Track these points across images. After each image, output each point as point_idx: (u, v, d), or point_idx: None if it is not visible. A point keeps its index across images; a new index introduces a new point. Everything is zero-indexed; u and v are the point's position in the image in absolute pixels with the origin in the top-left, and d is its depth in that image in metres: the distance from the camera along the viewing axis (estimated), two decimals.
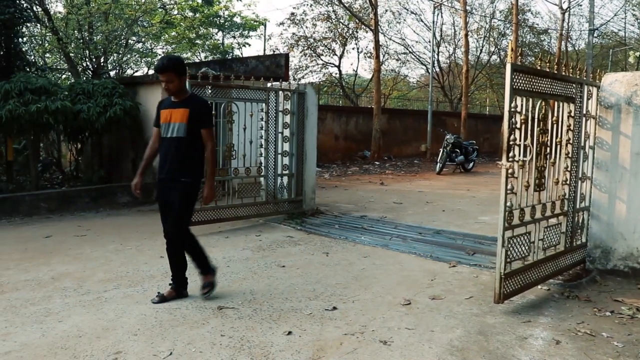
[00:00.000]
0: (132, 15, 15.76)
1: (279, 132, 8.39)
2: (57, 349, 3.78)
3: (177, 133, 4.62)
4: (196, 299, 4.79)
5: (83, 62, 15.31)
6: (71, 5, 14.81)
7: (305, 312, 4.50)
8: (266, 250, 6.61)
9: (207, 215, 7.68)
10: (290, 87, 8.58)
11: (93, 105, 9.46)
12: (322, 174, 15.09)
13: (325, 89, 27.37)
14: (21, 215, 8.64)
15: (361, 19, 23.37)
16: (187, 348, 3.79)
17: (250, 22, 27.46)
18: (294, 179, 8.62)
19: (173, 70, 4.54)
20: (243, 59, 14.59)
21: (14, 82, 8.86)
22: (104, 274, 5.57)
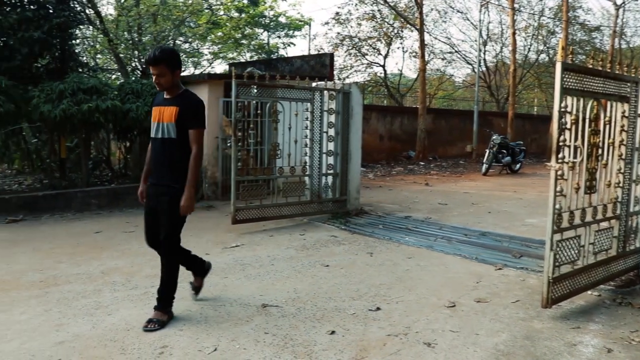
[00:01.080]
0: (179, 16, 16.04)
1: (323, 131, 8.40)
2: (106, 341, 3.89)
3: (166, 134, 4.20)
4: (241, 297, 4.84)
5: (132, 63, 15.67)
6: (122, 7, 15.19)
7: (348, 312, 4.49)
8: (310, 249, 6.63)
9: (252, 214, 7.76)
10: (335, 86, 8.58)
11: (141, 104, 9.66)
12: (367, 174, 15.05)
13: (369, 88, 27.28)
14: (73, 210, 8.90)
15: (406, 18, 23.19)
16: (231, 344, 3.83)
17: (295, 22, 27.58)
18: (338, 179, 8.61)
19: (166, 62, 4.09)
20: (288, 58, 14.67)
21: (67, 83, 9.14)
22: (150, 270, 5.68)
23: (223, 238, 7.17)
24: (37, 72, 10.12)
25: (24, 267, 5.79)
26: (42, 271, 5.62)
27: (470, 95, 32.00)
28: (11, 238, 7.20)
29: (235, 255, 6.28)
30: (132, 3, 15.12)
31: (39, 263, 5.93)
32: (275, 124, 7.94)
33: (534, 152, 24.22)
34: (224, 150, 10.08)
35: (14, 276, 5.46)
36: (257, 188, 7.80)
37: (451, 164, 19.33)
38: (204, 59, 22.52)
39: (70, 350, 3.75)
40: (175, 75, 4.19)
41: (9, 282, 5.29)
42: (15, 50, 9.44)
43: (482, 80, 27.16)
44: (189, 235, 7.25)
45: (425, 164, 18.59)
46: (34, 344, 3.83)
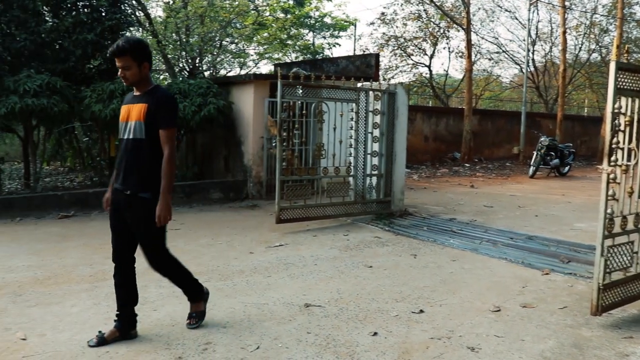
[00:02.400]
0: (226, 17, 16.22)
1: (368, 132, 8.37)
2: (151, 336, 3.98)
3: (133, 134, 3.76)
4: (284, 296, 4.86)
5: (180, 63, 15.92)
6: (170, 9, 15.45)
7: (391, 314, 4.46)
8: (353, 250, 6.62)
9: (296, 214, 7.79)
10: (381, 87, 8.54)
11: (188, 104, 9.83)
12: (411, 175, 14.93)
13: (415, 89, 27.07)
14: None
15: (453, 17, 22.89)
16: (274, 343, 3.86)
17: (340, 23, 27.58)
18: (382, 180, 8.57)
19: (131, 53, 3.67)
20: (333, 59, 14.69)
21: (117, 83, 9.37)
22: (195, 267, 5.74)
23: (267, 237, 7.23)
24: (89, 73, 10.40)
25: (75, 261, 5.96)
26: (91, 266, 5.78)
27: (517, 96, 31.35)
28: (63, 233, 7.43)
29: (279, 255, 6.32)
30: (180, 5, 15.35)
31: (89, 258, 6.10)
32: (320, 124, 7.95)
33: (583, 154, 23.59)
34: (269, 150, 10.17)
35: (65, 270, 5.64)
36: (301, 188, 7.83)
37: (497, 166, 19.00)
38: (249, 60, 22.74)
39: (118, 343, 3.84)
40: (143, 69, 3.75)
41: (61, 275, 5.46)
42: (69, 52, 9.73)
43: (530, 81, 26.59)
44: (233, 234, 7.37)
45: (470, 166, 18.32)
46: (84, 336, 3.94)
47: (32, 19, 9.53)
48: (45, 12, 10.08)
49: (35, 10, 9.61)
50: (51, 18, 10.10)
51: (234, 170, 10.76)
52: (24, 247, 6.59)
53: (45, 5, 9.85)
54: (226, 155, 10.96)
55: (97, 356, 3.64)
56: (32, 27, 9.46)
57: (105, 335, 3.85)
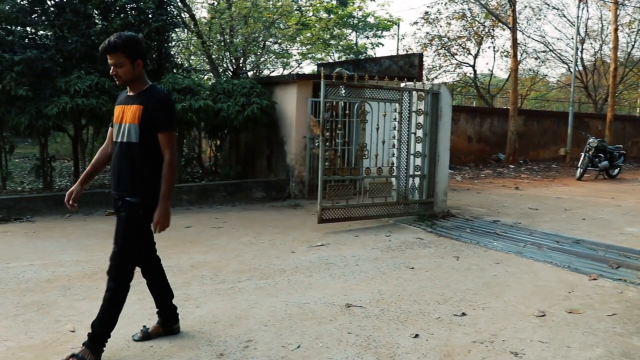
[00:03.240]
0: (269, 18, 16.33)
1: (411, 132, 8.30)
2: (195, 332, 4.04)
3: (127, 137, 3.53)
4: (325, 295, 4.86)
5: (224, 63, 16.12)
6: (215, 10, 15.65)
7: (433, 316, 4.42)
8: (395, 250, 6.58)
9: (338, 214, 7.79)
10: (424, 87, 8.46)
11: (232, 104, 9.94)
12: (454, 176, 14.76)
13: (458, 89, 26.75)
14: None
15: (498, 16, 22.53)
16: (315, 342, 3.86)
17: (383, 22, 27.45)
18: (425, 181, 8.49)
19: (124, 50, 3.45)
20: (376, 58, 14.61)
21: (163, 83, 9.55)
22: (238, 265, 5.82)
23: (309, 237, 7.25)
24: None
25: None
26: None
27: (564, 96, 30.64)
28: (109, 229, 7.52)
29: (321, 254, 6.33)
30: (224, 6, 15.54)
31: None
32: (363, 125, 7.93)
33: (634, 156, 22.87)
34: (312, 150, 10.19)
35: None
36: (343, 188, 7.82)
37: (543, 167, 18.59)
38: (292, 60, 22.84)
39: (162, 338, 3.92)
40: (136, 67, 3.52)
41: None
42: None
43: (578, 80, 25.91)
44: (275, 233, 7.42)
45: (515, 167, 17.98)
46: (129, 330, 4.03)
47: (83, 22, 9.81)
48: (95, 15, 10.35)
49: (86, 13, 9.88)
50: (100, 21, 10.36)
51: (276, 170, 10.83)
52: (73, 243, 6.78)
53: (95, 9, 10.11)
54: (269, 155, 11.04)
55: (141, 350, 3.71)
56: (83, 29, 9.73)
57: (150, 331, 3.90)
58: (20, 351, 3.53)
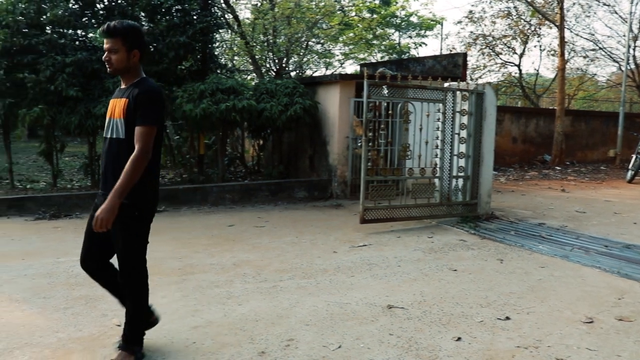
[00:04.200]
0: (312, 18, 16.39)
1: (455, 133, 8.19)
2: (237, 330, 4.05)
3: (115, 133, 3.32)
4: (366, 296, 4.83)
5: (267, 64, 16.25)
6: (258, 11, 15.79)
7: (476, 319, 4.34)
8: (438, 252, 6.50)
9: (380, 214, 7.74)
10: (469, 87, 8.34)
11: (275, 104, 9.99)
12: (498, 178, 14.50)
13: (503, 89, 26.28)
14: (209, 204, 9.40)
15: (545, 14, 22.02)
16: (356, 343, 3.84)
17: (427, 22, 27.25)
18: (469, 182, 8.37)
19: (122, 36, 3.26)
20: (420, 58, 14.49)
21: (207, 83, 9.68)
22: (280, 264, 5.84)
23: (351, 237, 7.23)
24: (180, 74, 10.81)
25: (165, 254, 6.20)
26: (180, 259, 5.98)
27: (615, 96, 29.74)
28: (154, 227, 7.63)
29: (362, 255, 6.30)
30: (268, 7, 15.67)
31: (178, 252, 6.33)
32: (406, 125, 7.86)
33: None
34: (354, 150, 10.16)
35: (156, 262, 5.85)
36: (386, 188, 7.77)
37: (591, 169, 18.10)
38: (335, 60, 22.86)
39: (204, 335, 3.96)
40: (132, 57, 3.32)
41: (152, 267, 5.62)
42: (163, 54, 10.14)
43: (630, 79, 25.09)
44: (317, 232, 7.42)
45: (561, 169, 17.56)
46: (172, 326, 4.09)
47: None
48: (142, 17, 10.56)
49: (134, 15, 10.09)
50: (147, 22, 10.56)
51: (318, 170, 10.84)
52: None
53: (142, 11, 10.32)
54: (311, 155, 11.06)
55: (184, 346, 3.76)
56: None
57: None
58: (70, 342, 3.62)
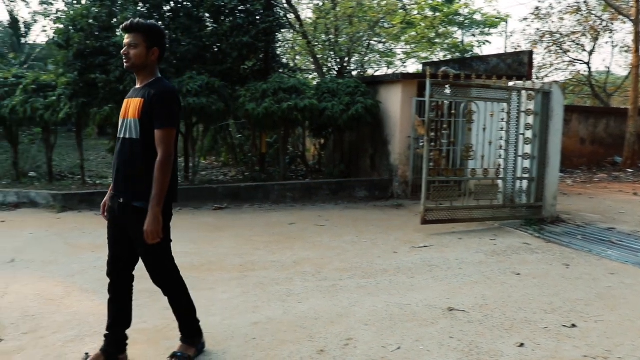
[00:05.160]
0: (374, 17, 16.30)
1: (520, 133, 7.99)
2: (296, 327, 4.09)
3: (128, 133, 3.26)
4: (427, 298, 4.78)
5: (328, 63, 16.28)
6: (320, 10, 15.85)
7: (540, 325, 4.22)
8: (500, 255, 6.35)
9: (442, 215, 7.64)
10: (534, 86, 8.11)
11: (337, 103, 10.01)
12: (565, 180, 14.05)
13: (571, 88, 25.42)
14: (270, 202, 9.51)
15: (618, 8, 21.12)
16: (415, 345, 3.81)
17: (491, 19, 26.64)
18: (534, 184, 8.14)
19: (143, 33, 3.26)
20: (483, 57, 14.19)
21: (270, 83, 9.80)
22: (340, 263, 5.85)
23: (411, 237, 7.16)
24: (244, 74, 10.98)
25: (227, 251, 6.32)
26: (241, 256, 6.09)
27: None
28: (216, 224, 7.91)
29: (423, 256, 6.23)
30: (330, 6, 15.70)
31: (239, 248, 6.44)
32: (469, 125, 7.73)
33: None
34: (416, 150, 10.07)
35: (218, 258, 6.00)
36: (448, 189, 7.66)
37: None
38: (396, 59, 22.68)
39: (264, 331, 4.01)
40: (150, 54, 3.29)
41: (214, 263, 5.81)
42: (227, 54, 10.34)
43: None
44: (377, 232, 7.40)
45: (634, 172, 16.83)
46: (233, 321, 4.18)
47: (195, 25, 10.27)
48: (206, 18, 10.79)
49: (198, 17, 10.34)
50: (211, 23, 10.79)
51: (379, 169, 10.80)
52: (183, 235, 7.09)
53: (207, 12, 10.55)
54: (372, 154, 11.03)
55: (244, 342, 3.82)
56: (195, 32, 10.19)
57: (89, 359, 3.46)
58: (135, 334, 3.74)
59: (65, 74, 9.66)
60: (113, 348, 3.45)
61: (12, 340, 3.85)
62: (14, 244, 6.68)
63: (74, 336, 3.91)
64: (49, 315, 4.32)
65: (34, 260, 5.92)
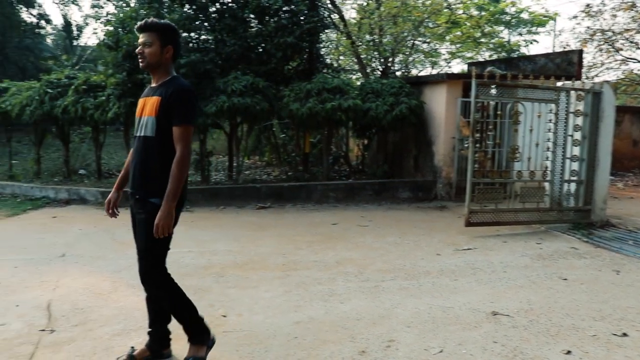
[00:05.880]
0: (419, 16, 16.17)
1: (568, 134, 7.80)
2: (337, 328, 4.09)
3: (144, 131, 3.31)
4: (470, 301, 4.72)
5: (372, 63, 16.23)
6: (364, 10, 15.81)
7: (588, 333, 4.10)
8: (547, 259, 6.21)
9: (486, 217, 7.53)
10: (584, 86, 7.90)
11: (381, 103, 9.97)
12: (615, 183, 13.65)
13: (623, 87, 24.68)
14: (313, 202, 9.55)
15: None
16: (458, 348, 3.76)
17: (538, 18, 26.07)
18: (582, 186, 7.94)
19: (158, 31, 3.30)
20: (531, 56, 13.90)
21: (314, 83, 9.83)
22: (382, 264, 5.83)
23: (455, 240, 7.08)
24: (288, 74, 11.05)
25: (270, 250, 6.38)
26: (284, 255, 6.13)
27: None
28: (260, 223, 7.98)
29: (467, 259, 6.15)
30: (374, 6, 15.65)
31: (282, 247, 6.49)
32: (516, 126, 7.59)
33: None
34: (460, 151, 9.94)
35: (261, 257, 6.05)
36: (493, 191, 7.54)
37: None
38: (441, 59, 22.44)
39: (306, 330, 4.03)
40: (165, 52, 3.33)
41: (257, 262, 5.87)
42: (271, 54, 10.42)
43: None
44: (420, 234, 7.34)
45: None
46: (275, 320, 4.21)
47: (241, 26, 10.39)
48: (251, 19, 10.90)
49: (243, 17, 10.45)
50: (256, 24, 10.89)
51: (423, 170, 10.71)
52: (226, 233, 7.21)
53: (252, 13, 10.65)
54: (416, 155, 10.94)
55: (286, 341, 3.84)
56: (240, 33, 10.31)
57: (135, 353, 3.51)
58: (179, 329, 3.81)
59: (115, 74, 9.93)
60: (156, 344, 3.55)
61: (63, 332, 3.99)
62: (64, 239, 6.92)
63: (121, 330, 4.02)
64: (97, 308, 4.45)
65: (83, 255, 6.11)
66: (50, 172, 11.93)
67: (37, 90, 10.49)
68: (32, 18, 26.89)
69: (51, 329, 4.04)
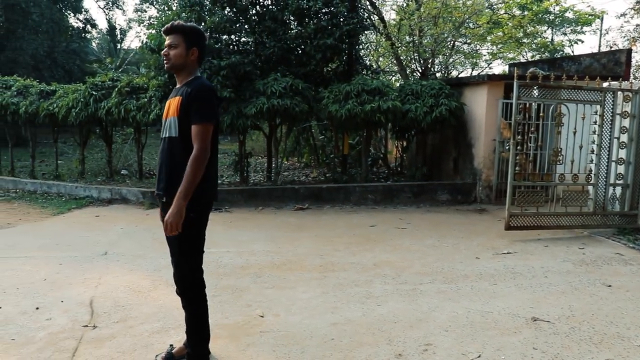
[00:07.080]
0: (459, 17, 16.00)
1: (614, 137, 7.59)
2: (374, 330, 4.08)
3: (169, 131, 3.30)
4: (509, 306, 4.64)
5: (412, 65, 16.14)
6: (404, 11, 15.73)
7: (634, 342, 3.98)
8: (590, 265, 6.06)
9: (527, 221, 7.39)
10: (632, 87, 7.69)
11: (420, 105, 9.90)
12: None
13: None
14: (351, 203, 9.54)
15: None
16: (496, 354, 3.70)
17: (584, 17, 25.48)
18: (628, 190, 7.72)
19: (183, 33, 3.30)
20: (575, 57, 13.61)
21: (353, 84, 9.82)
22: (420, 267, 5.78)
23: (494, 243, 6.97)
24: (327, 75, 11.07)
25: (307, 250, 6.39)
26: (322, 256, 6.14)
27: None
28: (298, 223, 8.01)
29: (506, 263, 6.05)
30: (414, 7, 15.56)
31: (320, 249, 6.50)
32: (559, 128, 7.43)
33: None
34: (501, 154, 9.79)
35: (299, 258, 6.07)
36: (534, 194, 7.40)
37: None
38: (482, 60, 22.15)
39: (342, 332, 4.03)
40: (190, 54, 3.32)
41: (294, 262, 5.89)
42: (310, 56, 10.46)
43: None
44: (459, 237, 7.26)
45: None
46: (312, 321, 4.22)
47: (280, 28, 10.46)
48: (291, 21, 10.96)
49: (283, 19, 10.51)
50: (296, 26, 10.94)
51: (462, 173, 10.58)
52: (264, 234, 7.26)
53: (292, 15, 10.71)
54: (455, 157, 10.82)
55: (322, 342, 3.84)
56: (279, 35, 10.38)
57: (174, 351, 3.55)
58: (217, 329, 3.86)
59: (156, 76, 10.13)
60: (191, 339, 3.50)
61: (105, 328, 4.08)
62: (107, 237, 7.08)
63: (160, 327, 4.09)
64: (137, 306, 4.55)
65: (124, 254, 6.24)
66: (94, 172, 12.25)
67: (82, 93, 10.76)
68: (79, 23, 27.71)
69: (93, 324, 4.15)
